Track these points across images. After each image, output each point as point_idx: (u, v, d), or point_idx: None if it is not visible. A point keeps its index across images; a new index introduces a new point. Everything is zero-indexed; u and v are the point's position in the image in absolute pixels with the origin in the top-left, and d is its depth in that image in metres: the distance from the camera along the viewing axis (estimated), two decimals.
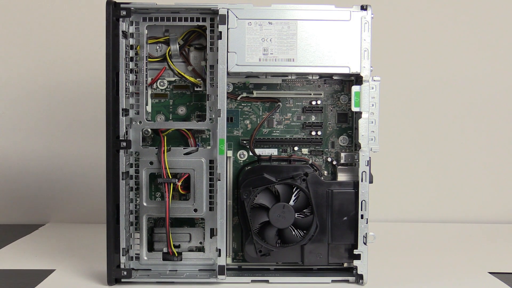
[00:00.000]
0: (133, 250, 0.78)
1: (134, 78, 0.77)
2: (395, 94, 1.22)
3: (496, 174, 1.27)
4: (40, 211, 1.20)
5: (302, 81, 0.81)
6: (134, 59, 0.77)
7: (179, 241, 0.80)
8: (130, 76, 0.77)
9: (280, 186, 0.77)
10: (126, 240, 0.76)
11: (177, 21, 0.77)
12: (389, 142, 1.17)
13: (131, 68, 0.77)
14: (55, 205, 1.20)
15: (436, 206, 1.25)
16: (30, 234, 1.09)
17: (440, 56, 1.25)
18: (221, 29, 0.73)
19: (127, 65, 0.76)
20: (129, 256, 0.78)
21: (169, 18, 0.76)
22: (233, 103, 0.81)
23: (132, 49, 0.77)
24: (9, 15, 1.20)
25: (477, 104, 1.26)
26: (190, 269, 0.79)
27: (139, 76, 0.77)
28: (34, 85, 1.20)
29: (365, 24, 0.74)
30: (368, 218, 0.75)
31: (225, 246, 0.75)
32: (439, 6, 1.24)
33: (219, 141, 0.74)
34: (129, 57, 0.76)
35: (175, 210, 0.76)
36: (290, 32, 0.74)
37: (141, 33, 0.77)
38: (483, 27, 1.25)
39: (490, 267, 0.87)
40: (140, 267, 0.78)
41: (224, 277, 0.75)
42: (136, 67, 0.77)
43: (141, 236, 0.78)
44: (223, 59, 0.74)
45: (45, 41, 1.18)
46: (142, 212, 0.78)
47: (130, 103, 0.77)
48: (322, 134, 0.81)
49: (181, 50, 0.80)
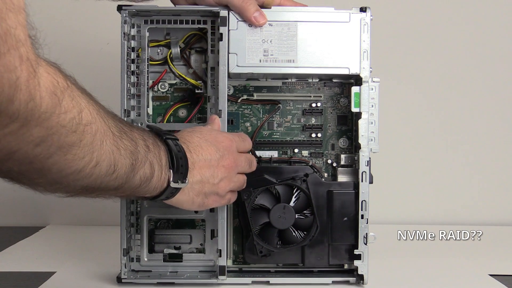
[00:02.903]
0: (133, 251, 0.78)
1: (135, 80, 0.78)
2: (394, 96, 1.23)
3: (498, 175, 1.27)
4: (40, 213, 1.20)
5: (302, 84, 0.82)
6: (135, 61, 0.77)
7: (180, 242, 0.80)
8: (132, 78, 0.77)
9: (280, 187, 0.77)
10: (127, 241, 0.76)
11: (178, 23, 0.77)
12: (389, 144, 1.17)
13: (133, 70, 0.77)
14: (56, 207, 1.20)
15: (436, 208, 1.25)
16: (31, 236, 1.08)
17: (440, 57, 1.25)
18: (222, 30, 0.74)
19: (129, 66, 0.76)
20: (130, 257, 0.78)
21: (170, 21, 0.77)
22: (234, 105, 0.82)
23: (134, 51, 0.77)
24: None
25: (477, 105, 1.26)
26: (191, 271, 0.78)
27: (140, 78, 0.78)
28: None
29: (364, 26, 0.74)
30: (368, 218, 0.75)
31: (225, 246, 0.75)
32: (437, 8, 1.25)
33: None
34: (131, 59, 0.77)
35: (176, 211, 0.76)
36: (290, 34, 0.74)
37: (142, 36, 0.77)
38: (482, 28, 1.25)
39: (491, 269, 0.87)
40: (140, 268, 0.78)
41: (224, 277, 0.75)
42: (137, 69, 0.78)
43: (142, 237, 0.78)
44: (223, 60, 0.74)
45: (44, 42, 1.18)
46: (143, 213, 0.78)
47: (132, 104, 0.77)
48: (322, 136, 0.81)
49: (182, 53, 0.80)
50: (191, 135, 0.67)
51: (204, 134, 0.68)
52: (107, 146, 0.50)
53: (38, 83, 0.40)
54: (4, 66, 0.37)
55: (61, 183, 0.49)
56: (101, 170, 0.50)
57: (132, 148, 0.54)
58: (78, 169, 0.48)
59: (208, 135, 0.68)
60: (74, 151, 0.46)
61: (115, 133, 0.52)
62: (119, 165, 0.52)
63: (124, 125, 0.55)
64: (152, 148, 0.58)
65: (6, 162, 0.42)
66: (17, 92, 0.38)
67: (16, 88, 0.38)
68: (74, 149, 0.46)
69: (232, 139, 0.71)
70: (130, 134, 0.55)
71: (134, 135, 0.56)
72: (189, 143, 0.65)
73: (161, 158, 0.60)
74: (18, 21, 0.37)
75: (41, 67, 0.41)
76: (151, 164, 0.57)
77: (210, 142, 0.67)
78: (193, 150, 0.65)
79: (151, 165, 0.57)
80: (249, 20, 0.73)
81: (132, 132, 0.56)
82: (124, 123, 0.56)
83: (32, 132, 0.41)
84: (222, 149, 0.68)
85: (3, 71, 0.37)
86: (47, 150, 0.43)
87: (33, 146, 0.42)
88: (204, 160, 0.65)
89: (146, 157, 0.57)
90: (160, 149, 0.60)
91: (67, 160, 0.46)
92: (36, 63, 0.40)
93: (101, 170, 0.50)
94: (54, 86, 0.42)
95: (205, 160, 0.66)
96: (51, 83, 0.42)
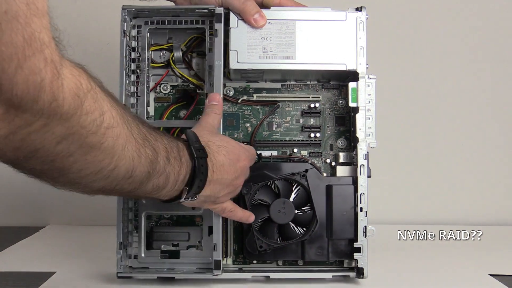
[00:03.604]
0: (131, 248, 0.78)
1: (135, 78, 0.79)
2: (394, 96, 1.24)
3: (498, 175, 1.27)
4: (40, 213, 1.20)
5: (300, 86, 0.83)
6: (135, 60, 0.79)
7: (178, 240, 0.80)
8: (132, 77, 0.78)
9: (280, 182, 0.77)
10: (124, 236, 0.76)
11: (178, 24, 0.78)
12: (389, 144, 1.17)
13: (133, 69, 0.78)
14: (56, 207, 1.20)
15: (436, 208, 1.25)
16: (31, 236, 1.09)
17: (439, 55, 1.26)
18: (217, 27, 0.75)
19: (129, 65, 0.78)
20: (127, 253, 0.77)
21: (170, 21, 0.78)
22: (234, 106, 0.83)
23: (134, 51, 0.79)
24: None
25: (477, 105, 1.27)
26: (188, 267, 0.78)
27: (141, 77, 0.79)
28: None
29: (360, 24, 0.76)
30: (367, 211, 0.76)
31: (221, 241, 0.75)
32: (433, 5, 1.26)
33: None
34: (131, 58, 0.78)
35: (173, 207, 0.76)
36: (288, 32, 0.76)
37: (142, 36, 0.79)
38: (479, 24, 1.27)
39: (491, 269, 0.86)
40: (138, 265, 0.78)
41: (219, 272, 0.74)
42: (138, 69, 0.79)
43: (140, 234, 0.78)
44: (219, 55, 0.75)
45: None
46: (141, 210, 0.78)
47: (131, 102, 0.78)
48: (320, 136, 0.82)
49: (184, 56, 0.82)
50: (218, 151, 0.67)
51: (229, 152, 0.68)
52: (128, 152, 0.51)
53: (61, 84, 0.41)
54: (30, 68, 0.38)
55: (79, 183, 0.50)
56: (118, 174, 0.51)
57: (153, 158, 0.55)
58: (96, 170, 0.49)
59: (232, 154, 0.68)
60: (94, 153, 0.47)
61: (138, 140, 0.53)
62: (136, 171, 0.53)
63: (149, 133, 0.56)
64: (172, 162, 0.59)
65: (30, 159, 0.44)
66: (42, 93, 0.40)
67: (40, 89, 0.39)
68: (94, 151, 0.47)
69: (250, 160, 0.73)
70: (154, 143, 0.56)
71: (158, 145, 0.57)
72: (215, 162, 0.65)
73: (180, 173, 0.60)
74: (42, 25, 0.39)
75: (65, 68, 0.42)
76: (167, 176, 0.58)
77: (232, 162, 0.68)
78: (216, 170, 0.65)
79: (167, 177, 0.58)
80: (249, 22, 0.75)
81: (156, 141, 0.57)
82: (150, 130, 0.57)
83: (54, 130, 0.43)
84: (240, 170, 0.69)
85: (29, 73, 0.38)
86: (67, 149, 0.45)
87: (55, 144, 0.44)
88: (221, 179, 0.67)
89: (164, 169, 0.58)
90: (181, 165, 0.60)
91: (87, 160, 0.47)
92: (60, 64, 0.41)
93: (118, 174, 0.51)
94: (77, 88, 0.43)
95: (222, 179, 0.67)
96: (74, 85, 0.43)
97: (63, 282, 0.78)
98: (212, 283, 0.77)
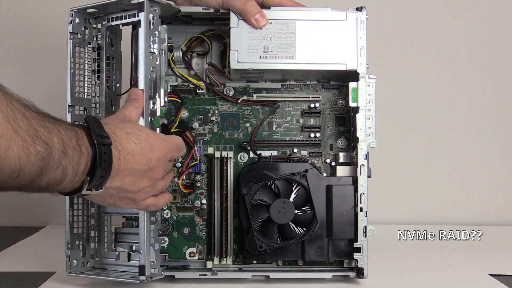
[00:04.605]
0: (94, 248, 0.78)
1: (95, 79, 0.78)
2: (394, 96, 1.24)
3: (498, 176, 1.27)
4: (40, 213, 1.21)
5: (300, 86, 0.83)
6: (96, 60, 0.78)
7: (132, 242, 0.77)
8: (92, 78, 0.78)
9: (280, 182, 0.78)
10: (71, 236, 0.77)
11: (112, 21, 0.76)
12: (389, 144, 1.17)
13: (93, 69, 0.78)
14: (56, 207, 1.20)
15: (436, 208, 1.26)
16: (31, 236, 1.09)
17: (440, 54, 1.27)
18: (140, 17, 0.71)
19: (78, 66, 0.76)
20: (84, 252, 0.78)
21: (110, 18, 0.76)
22: (234, 106, 0.83)
23: (94, 51, 0.78)
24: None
25: (477, 105, 1.27)
26: (135, 271, 0.73)
27: (101, 77, 0.78)
28: (36, 84, 1.22)
29: (361, 24, 0.77)
30: (367, 211, 0.76)
31: (145, 246, 0.70)
32: (433, 4, 1.26)
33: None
34: (93, 58, 0.77)
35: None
36: (289, 31, 0.76)
37: (102, 35, 0.78)
38: (476, 24, 1.27)
39: (491, 269, 0.87)
40: (100, 266, 0.79)
41: (144, 278, 0.70)
42: (98, 67, 0.78)
43: (100, 234, 0.78)
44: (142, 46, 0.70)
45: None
46: (100, 210, 0.78)
47: (94, 102, 0.78)
48: (320, 136, 0.82)
49: (184, 56, 0.82)
50: (127, 139, 0.63)
51: (141, 140, 0.64)
52: (13, 153, 0.48)
53: None
54: None
55: None
56: (2, 175, 0.49)
57: (45, 154, 0.52)
58: None
59: (145, 142, 0.64)
60: None
61: (25, 138, 0.50)
62: (25, 170, 0.50)
63: (42, 126, 0.53)
64: (70, 154, 0.55)
65: None
66: None
67: None
68: None
69: (169, 151, 0.68)
70: (47, 136, 0.53)
71: (52, 138, 0.53)
72: (122, 149, 0.62)
73: (79, 164, 0.57)
74: None
75: None
76: (63, 169, 0.55)
77: (144, 151, 0.64)
78: (123, 158, 0.62)
79: (63, 170, 0.55)
80: (250, 22, 0.75)
81: (50, 134, 0.53)
82: (45, 121, 0.54)
83: None
84: (154, 160, 0.65)
85: None
86: None
87: None
88: (130, 169, 0.63)
89: (59, 163, 0.54)
90: (81, 155, 0.57)
91: None
92: None
93: (2, 175, 0.49)
94: None
95: (131, 169, 0.63)
96: None
97: (63, 282, 0.78)
98: (212, 283, 0.77)
